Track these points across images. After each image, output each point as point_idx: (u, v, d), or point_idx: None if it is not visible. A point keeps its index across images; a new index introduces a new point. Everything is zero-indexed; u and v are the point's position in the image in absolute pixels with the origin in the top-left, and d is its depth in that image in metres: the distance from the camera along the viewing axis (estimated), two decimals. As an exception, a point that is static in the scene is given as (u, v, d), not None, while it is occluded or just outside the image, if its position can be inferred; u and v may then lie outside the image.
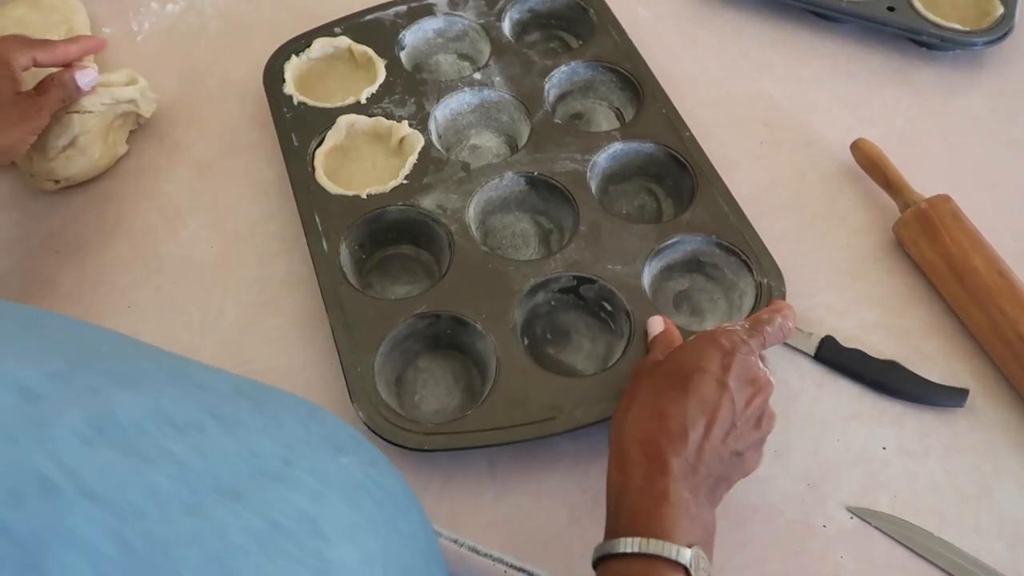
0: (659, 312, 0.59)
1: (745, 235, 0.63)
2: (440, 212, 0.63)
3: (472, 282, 0.60)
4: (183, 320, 0.62)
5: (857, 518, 0.54)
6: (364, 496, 0.30)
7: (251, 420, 0.29)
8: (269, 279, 0.65)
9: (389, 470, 0.35)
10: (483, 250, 0.62)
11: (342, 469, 0.30)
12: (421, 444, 0.53)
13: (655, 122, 0.69)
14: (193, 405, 0.27)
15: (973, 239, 0.61)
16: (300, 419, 0.32)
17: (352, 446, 0.33)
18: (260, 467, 0.26)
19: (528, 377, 0.56)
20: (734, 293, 0.62)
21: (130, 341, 0.33)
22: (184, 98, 0.76)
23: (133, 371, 0.28)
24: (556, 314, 0.62)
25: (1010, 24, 0.76)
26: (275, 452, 0.27)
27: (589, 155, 0.67)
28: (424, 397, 0.58)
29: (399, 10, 0.76)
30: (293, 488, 0.26)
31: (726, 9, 0.83)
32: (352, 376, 0.55)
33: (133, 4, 0.83)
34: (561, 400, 0.55)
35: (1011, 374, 0.58)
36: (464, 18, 0.76)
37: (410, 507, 0.34)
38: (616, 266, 0.61)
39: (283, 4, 0.83)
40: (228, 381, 0.32)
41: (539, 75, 0.72)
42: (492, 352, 0.57)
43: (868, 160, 0.68)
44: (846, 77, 0.77)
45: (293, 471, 0.27)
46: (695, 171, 0.66)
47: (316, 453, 0.30)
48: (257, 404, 0.31)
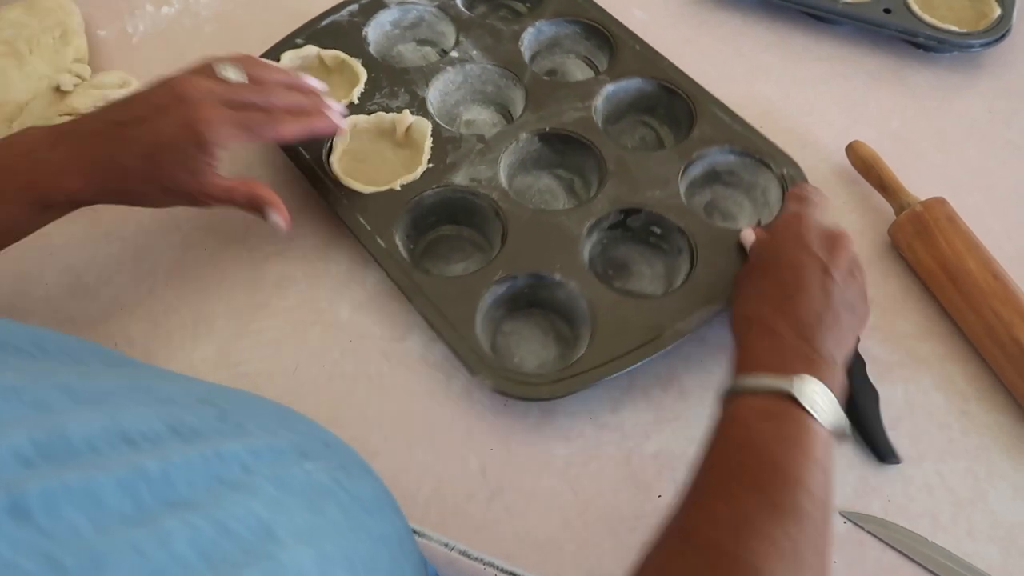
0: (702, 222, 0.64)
1: (752, 138, 0.68)
2: (476, 185, 0.64)
3: (533, 239, 0.62)
4: (176, 322, 0.62)
5: (850, 522, 0.54)
6: (329, 501, 0.30)
7: (213, 429, 0.29)
8: (262, 281, 0.65)
9: (361, 474, 0.36)
10: (530, 208, 0.64)
11: (306, 475, 0.30)
12: (555, 392, 0.55)
13: (633, 59, 0.73)
14: (153, 418, 0.27)
15: (968, 242, 0.61)
16: (267, 427, 0.32)
17: (321, 452, 0.34)
18: (218, 475, 0.26)
19: (620, 308, 0.59)
20: (755, 192, 0.67)
21: (98, 351, 0.33)
22: (178, 100, 0.76)
23: (92, 386, 0.28)
24: (609, 251, 0.65)
25: (1007, 26, 0.76)
26: (236, 459, 0.27)
27: (588, 101, 0.70)
28: (523, 357, 0.60)
29: (352, 9, 0.76)
30: (250, 495, 0.26)
31: (722, 11, 0.83)
32: (464, 352, 0.56)
33: (128, 6, 0.83)
34: (658, 319, 0.58)
35: (1005, 377, 0.58)
36: (417, 4, 0.77)
37: (382, 509, 0.35)
38: (655, 192, 0.64)
39: (278, 6, 0.83)
40: (195, 391, 0.32)
41: (511, 40, 0.74)
42: (578, 296, 0.59)
43: (863, 162, 0.68)
44: (842, 79, 0.77)
45: (253, 478, 0.27)
46: (686, 94, 0.70)
47: (280, 460, 0.30)
48: (222, 413, 0.31)
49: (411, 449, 0.57)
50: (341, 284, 0.64)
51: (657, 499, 0.55)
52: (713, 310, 0.58)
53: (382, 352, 0.61)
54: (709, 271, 0.60)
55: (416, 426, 0.58)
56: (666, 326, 0.58)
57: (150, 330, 0.62)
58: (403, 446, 0.57)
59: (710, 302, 0.59)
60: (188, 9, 0.83)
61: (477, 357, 0.56)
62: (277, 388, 0.60)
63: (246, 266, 0.65)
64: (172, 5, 0.83)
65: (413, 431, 0.58)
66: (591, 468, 0.56)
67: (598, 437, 0.57)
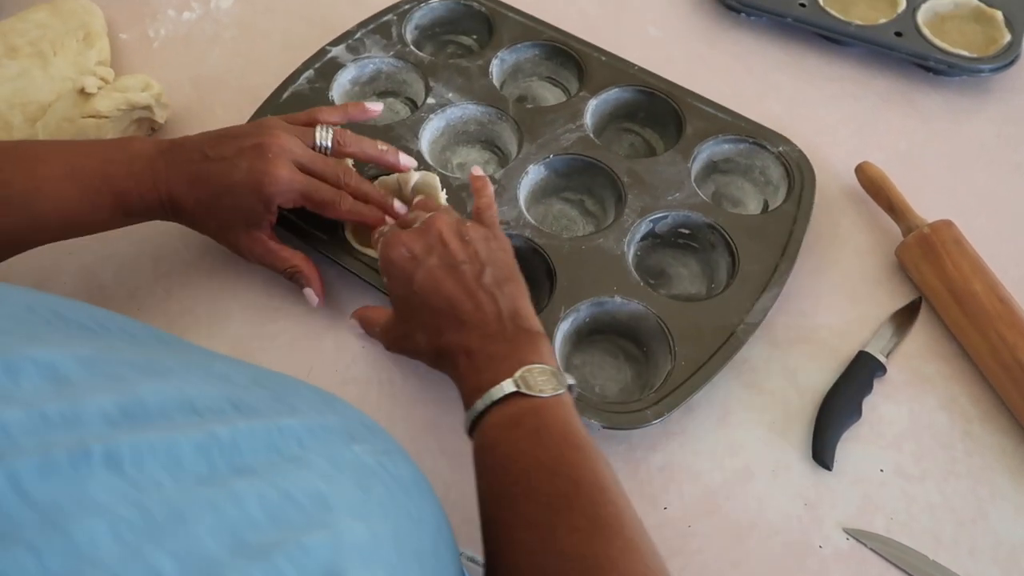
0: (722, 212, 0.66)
1: (741, 123, 0.70)
2: (507, 227, 0.64)
3: (581, 268, 0.62)
4: (191, 322, 0.63)
5: (853, 539, 0.54)
6: (376, 482, 0.31)
7: (269, 408, 0.30)
8: (276, 283, 0.65)
9: (403, 459, 0.36)
10: (566, 238, 0.64)
11: (355, 456, 0.31)
12: (660, 413, 0.55)
13: (604, 70, 0.74)
14: (216, 394, 0.28)
15: (974, 265, 0.62)
16: (316, 408, 0.33)
17: (366, 435, 0.35)
18: (278, 447, 0.27)
19: (687, 314, 0.59)
20: (754, 173, 0.70)
21: (154, 332, 0.34)
22: (198, 105, 0.77)
23: (154, 362, 0.29)
24: (644, 262, 0.66)
25: (1017, 51, 0.77)
26: (293, 435, 0.29)
27: (579, 120, 0.71)
28: (603, 385, 0.60)
29: (308, 76, 0.74)
30: (307, 468, 0.28)
31: (735, 30, 0.84)
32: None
33: (150, 11, 0.84)
34: (727, 317, 0.59)
35: (1009, 400, 0.58)
36: (373, 57, 0.75)
37: (422, 494, 0.35)
38: (675, 194, 0.66)
39: (298, 14, 0.85)
40: (247, 372, 0.33)
41: (481, 75, 0.74)
42: (646, 314, 0.60)
43: (872, 183, 0.69)
44: (852, 100, 0.78)
45: (308, 454, 0.28)
46: (665, 94, 0.72)
47: (330, 440, 0.31)
48: (275, 394, 0.32)
49: (419, 456, 0.57)
50: (356, 291, 0.65)
51: (663, 511, 0.55)
52: (772, 296, 0.60)
53: (393, 359, 0.62)
54: (751, 258, 0.62)
55: (425, 433, 0.59)
56: (736, 322, 0.59)
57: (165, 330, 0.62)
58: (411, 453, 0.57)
59: (766, 289, 0.60)
60: (209, 15, 0.85)
61: (576, 399, 0.55)
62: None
63: (262, 269, 0.66)
64: (193, 11, 0.85)
65: (422, 438, 0.58)
66: (598, 478, 0.56)
67: (606, 448, 0.57)
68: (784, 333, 0.63)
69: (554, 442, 0.45)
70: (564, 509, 0.42)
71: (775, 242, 0.63)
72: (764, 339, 0.62)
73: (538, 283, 0.64)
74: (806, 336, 0.63)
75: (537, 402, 0.46)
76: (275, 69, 0.75)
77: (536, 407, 0.46)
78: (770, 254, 0.63)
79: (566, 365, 0.60)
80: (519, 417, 0.46)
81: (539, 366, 0.47)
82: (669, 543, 0.54)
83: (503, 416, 0.46)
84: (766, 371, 0.61)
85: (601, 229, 0.65)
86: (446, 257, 0.53)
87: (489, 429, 0.46)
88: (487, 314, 0.50)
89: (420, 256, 0.53)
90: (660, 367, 0.58)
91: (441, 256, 0.53)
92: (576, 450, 0.45)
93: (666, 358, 0.58)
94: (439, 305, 0.51)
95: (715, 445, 0.58)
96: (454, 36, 0.81)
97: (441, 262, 0.52)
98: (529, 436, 0.45)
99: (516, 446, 0.45)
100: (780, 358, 0.62)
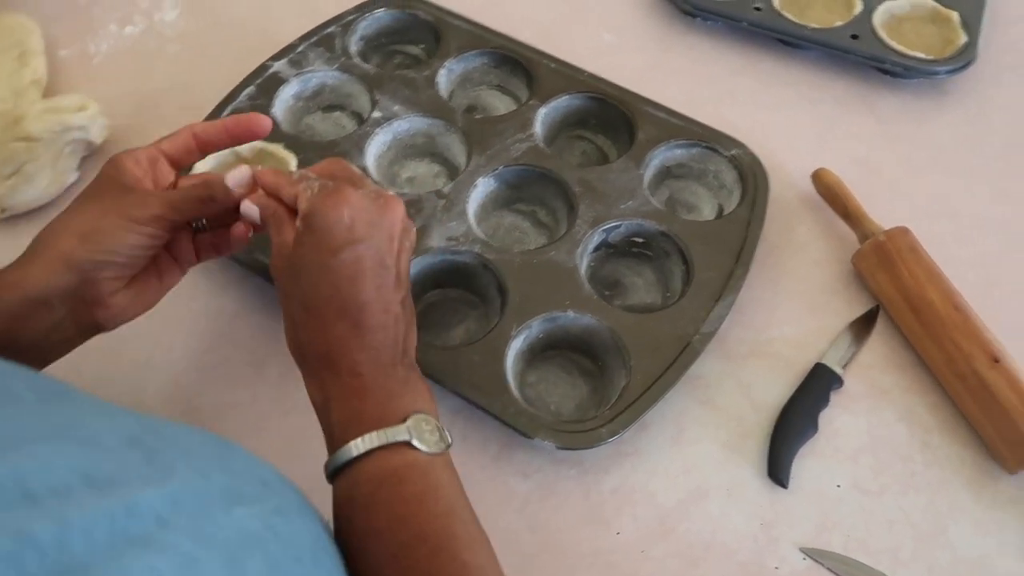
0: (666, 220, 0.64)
1: (693, 128, 0.69)
2: (455, 244, 0.62)
3: (533, 282, 0.60)
4: (128, 355, 0.61)
5: (810, 559, 0.53)
6: (254, 553, 0.29)
7: (135, 474, 0.28)
8: (219, 311, 0.63)
9: (303, 517, 0.34)
10: (517, 252, 0.62)
11: (234, 522, 0.29)
12: (615, 431, 0.54)
13: (554, 77, 0.73)
14: (64, 467, 0.26)
15: (930, 273, 0.61)
16: (200, 468, 0.31)
17: (258, 495, 0.32)
18: (124, 530, 0.25)
19: (642, 326, 0.58)
20: (708, 177, 0.69)
21: (35, 381, 0.31)
22: (140, 123, 0.75)
23: (5, 429, 0.26)
24: (598, 273, 0.64)
25: (973, 54, 0.76)
26: (151, 511, 0.26)
27: (528, 129, 0.69)
28: (558, 403, 0.59)
29: (249, 92, 0.71)
30: (159, 552, 0.25)
31: (691, 34, 0.83)
32: (514, 420, 0.54)
33: (91, 26, 0.82)
34: (682, 327, 0.58)
35: (966, 409, 0.57)
36: (316, 71, 0.73)
37: (317, 557, 0.33)
38: (628, 203, 0.65)
39: (244, 27, 0.83)
40: (127, 429, 0.31)
41: (427, 86, 0.72)
42: (600, 328, 0.58)
43: (828, 190, 0.68)
44: (809, 104, 0.77)
45: (166, 533, 0.26)
46: (616, 100, 0.71)
47: (206, 508, 0.29)
48: (150, 454, 0.29)
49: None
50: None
51: (615, 536, 0.54)
52: (728, 303, 0.59)
53: (340, 383, 0.60)
54: (706, 266, 0.61)
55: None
56: (691, 332, 0.58)
57: (101, 364, 0.60)
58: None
59: (721, 296, 0.59)
60: (152, 29, 0.82)
61: (528, 420, 0.54)
62: (232, 422, 0.58)
63: (204, 295, 0.64)
64: (136, 25, 0.82)
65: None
66: (549, 504, 0.55)
67: (557, 472, 0.56)
68: (738, 347, 0.61)
69: (439, 511, 0.40)
70: None
71: (729, 248, 0.62)
72: (718, 353, 0.61)
73: (489, 300, 0.62)
74: (761, 349, 0.61)
75: (424, 460, 0.41)
76: (220, 84, 0.73)
77: (423, 465, 0.41)
78: (725, 260, 0.61)
79: (519, 383, 0.58)
80: (403, 473, 0.40)
81: (428, 416, 0.42)
82: (622, 569, 0.52)
83: (385, 469, 0.40)
84: (720, 386, 0.60)
85: (553, 241, 0.63)
86: (384, 252, 0.44)
87: (364, 480, 0.40)
88: (388, 338, 0.44)
89: (360, 234, 0.43)
90: (616, 382, 0.57)
91: (380, 248, 0.44)
92: (461, 524, 0.41)
93: (621, 372, 0.57)
94: (348, 301, 0.43)
95: (669, 465, 0.57)
96: (401, 46, 0.80)
97: (377, 255, 0.44)
98: (413, 500, 0.40)
99: (397, 509, 0.39)
100: (734, 372, 0.60)
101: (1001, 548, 0.53)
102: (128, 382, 0.60)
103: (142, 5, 0.84)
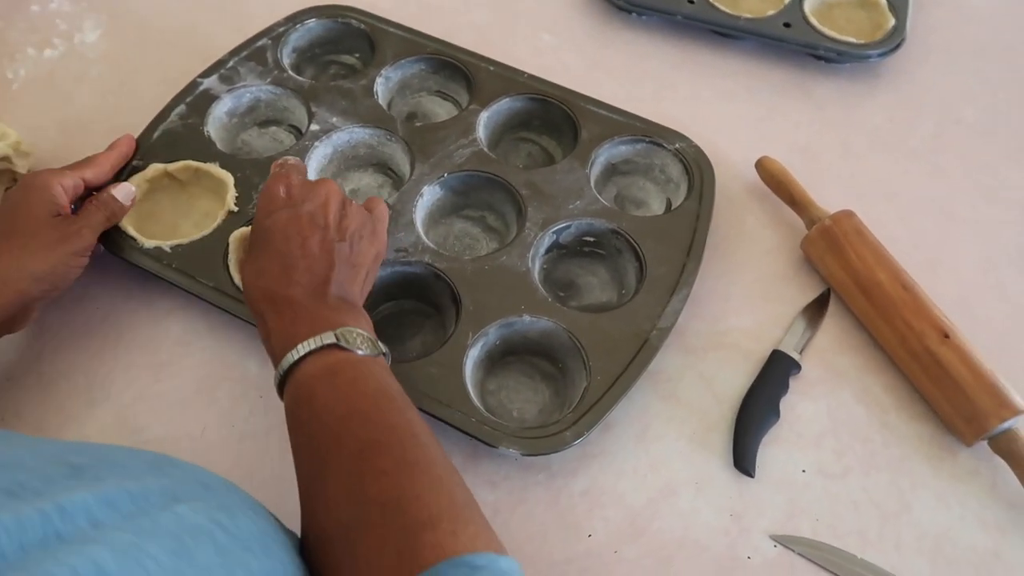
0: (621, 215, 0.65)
1: (635, 124, 0.69)
2: (405, 255, 0.61)
3: (486, 289, 0.59)
4: (67, 389, 0.58)
5: (781, 546, 0.53)
6: (202, 542, 0.29)
7: (60, 486, 0.27)
8: (163, 339, 0.61)
9: (246, 513, 0.34)
10: (468, 260, 0.61)
11: (177, 517, 0.29)
12: (580, 433, 0.53)
13: (493, 80, 0.72)
14: None
15: (877, 254, 0.62)
16: (132, 475, 0.31)
17: (199, 494, 0.33)
18: (57, 531, 0.25)
19: (598, 326, 0.58)
20: (654, 172, 0.69)
21: None
22: (66, 150, 0.71)
23: None
24: (551, 275, 0.64)
25: (901, 36, 0.78)
26: (83, 512, 0.26)
27: (471, 134, 0.68)
28: (521, 408, 0.58)
29: (180, 111, 0.68)
30: (97, 544, 0.25)
31: (628, 30, 0.83)
32: (477, 430, 0.53)
33: (7, 50, 0.78)
34: (638, 324, 0.58)
35: (921, 386, 0.58)
36: (249, 86, 0.71)
37: (267, 547, 0.33)
38: (576, 202, 0.64)
39: (171, 44, 0.80)
40: (50, 452, 0.31)
41: (365, 95, 0.71)
42: (557, 330, 0.58)
43: (773, 178, 0.68)
44: (748, 93, 0.78)
45: (101, 531, 0.26)
46: (558, 100, 0.70)
47: (142, 507, 0.29)
48: (76, 470, 0.29)
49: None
50: (249, 337, 0.61)
51: (588, 538, 0.53)
52: (682, 297, 0.59)
53: (295, 406, 0.58)
54: (658, 261, 0.61)
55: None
56: (648, 329, 0.57)
57: (40, 400, 0.58)
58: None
59: (675, 290, 0.59)
60: (73, 51, 0.79)
61: (491, 429, 0.53)
62: (183, 453, 0.55)
63: (145, 322, 0.62)
64: (56, 48, 0.79)
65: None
66: (519, 512, 0.54)
67: (525, 479, 0.55)
68: (696, 340, 0.61)
69: (370, 391, 0.45)
70: (374, 454, 0.41)
71: (680, 242, 0.62)
72: (677, 347, 0.61)
73: (443, 309, 0.61)
74: (718, 340, 0.62)
75: (354, 357, 0.46)
76: (149, 105, 0.71)
77: (353, 361, 0.46)
78: (676, 254, 0.61)
79: (480, 391, 0.57)
80: (335, 368, 0.46)
81: (357, 329, 0.48)
82: (595, 572, 0.52)
83: (320, 367, 0.46)
84: (681, 380, 0.60)
85: (504, 246, 0.63)
86: (316, 215, 0.52)
87: (304, 380, 0.46)
88: (320, 278, 0.50)
89: (295, 199, 0.53)
90: (577, 383, 0.57)
91: (312, 212, 0.52)
92: (389, 400, 0.45)
93: (582, 373, 0.56)
94: (284, 250, 0.51)
95: (636, 463, 0.56)
96: (335, 56, 0.78)
97: (309, 216, 0.52)
98: (346, 385, 0.45)
99: (331, 395, 0.45)
100: (694, 365, 0.60)
101: (963, 519, 0.55)
102: (67, 420, 0.57)
103: (61, 27, 0.81)
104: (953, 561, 0.53)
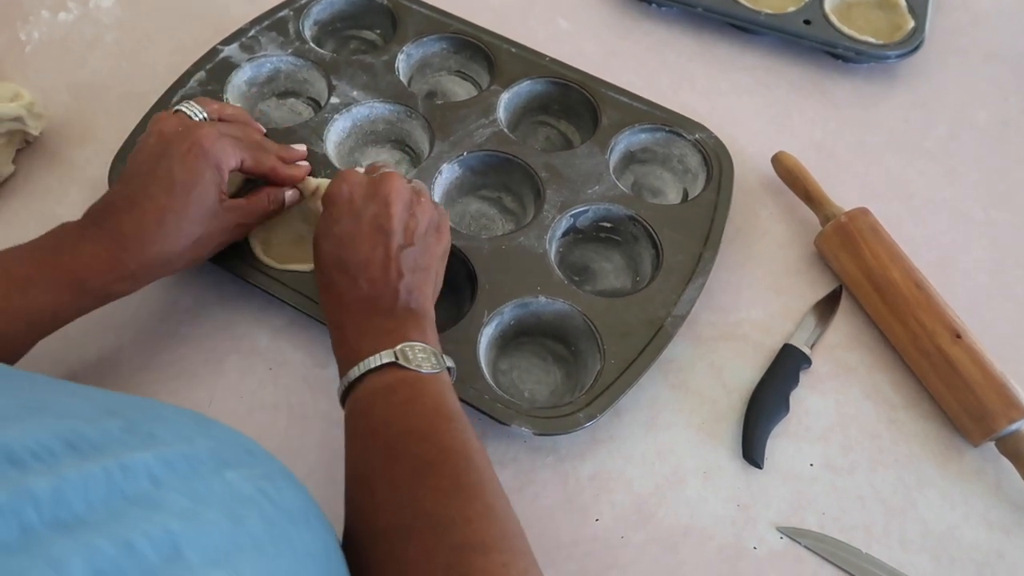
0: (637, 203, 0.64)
1: (656, 112, 0.69)
2: None
3: (503, 269, 0.59)
4: (77, 359, 0.58)
5: (787, 538, 0.53)
6: (251, 511, 0.29)
7: (118, 442, 0.27)
8: (172, 308, 0.60)
9: (289, 485, 0.34)
10: (486, 239, 0.61)
11: (226, 484, 0.29)
12: (592, 415, 0.53)
13: (514, 62, 0.71)
14: (44, 434, 0.25)
15: (891, 252, 0.62)
16: (183, 434, 0.30)
17: (244, 460, 0.32)
18: (121, 490, 0.25)
19: (614, 310, 0.57)
20: (672, 162, 0.69)
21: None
22: (78, 113, 0.71)
23: None
24: (566, 258, 0.63)
25: (920, 37, 0.78)
26: (144, 472, 0.26)
27: (491, 115, 0.68)
28: (532, 389, 0.57)
29: (199, 78, 0.68)
30: (159, 509, 0.25)
31: (647, 20, 0.83)
32: (490, 407, 0.53)
33: (21, 12, 0.77)
34: (653, 311, 0.58)
35: (930, 385, 0.58)
36: (270, 56, 0.70)
37: (309, 522, 0.33)
38: (595, 187, 0.64)
39: (186, 12, 0.79)
40: (102, 403, 0.30)
41: (387, 71, 0.70)
42: (572, 313, 0.57)
43: (788, 173, 0.68)
44: (765, 89, 0.78)
45: (162, 491, 0.26)
46: (579, 85, 0.70)
47: (196, 470, 0.28)
48: (130, 424, 0.29)
49: (336, 482, 0.54)
50: (259, 308, 0.61)
51: (595, 523, 0.53)
52: (698, 286, 0.59)
53: (304, 379, 0.58)
54: (675, 249, 0.61)
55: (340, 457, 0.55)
56: (663, 316, 0.57)
57: (50, 370, 0.57)
58: (327, 479, 0.54)
59: (691, 279, 0.59)
60: (88, 15, 0.78)
61: (504, 407, 0.53)
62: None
63: (155, 291, 0.61)
64: (70, 11, 0.78)
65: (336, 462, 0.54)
66: (527, 494, 0.54)
67: (533, 461, 0.55)
68: (708, 330, 0.61)
69: (426, 411, 0.45)
70: (428, 473, 0.42)
71: (697, 231, 0.62)
72: (689, 337, 0.61)
73: (459, 287, 0.61)
74: (730, 332, 0.61)
75: (413, 375, 0.46)
76: (163, 73, 0.70)
77: (412, 380, 0.46)
78: (693, 243, 0.61)
79: (492, 370, 0.57)
80: (395, 386, 0.46)
81: (420, 344, 0.47)
82: (601, 556, 0.52)
83: (378, 384, 0.46)
84: (692, 370, 0.60)
85: (521, 227, 0.62)
86: (381, 217, 0.50)
87: (364, 395, 0.46)
88: (387, 287, 0.49)
89: (358, 204, 0.51)
90: (590, 367, 0.56)
91: (376, 215, 0.51)
92: (447, 420, 0.45)
93: (595, 357, 0.56)
94: (349, 259, 0.50)
95: (645, 450, 0.56)
96: (356, 31, 0.77)
97: (373, 220, 0.50)
98: (403, 404, 0.45)
99: (389, 412, 0.45)
100: (705, 356, 0.60)
101: (968, 518, 0.55)
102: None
103: (75, -9, 0.80)
104: (957, 559, 0.53)
